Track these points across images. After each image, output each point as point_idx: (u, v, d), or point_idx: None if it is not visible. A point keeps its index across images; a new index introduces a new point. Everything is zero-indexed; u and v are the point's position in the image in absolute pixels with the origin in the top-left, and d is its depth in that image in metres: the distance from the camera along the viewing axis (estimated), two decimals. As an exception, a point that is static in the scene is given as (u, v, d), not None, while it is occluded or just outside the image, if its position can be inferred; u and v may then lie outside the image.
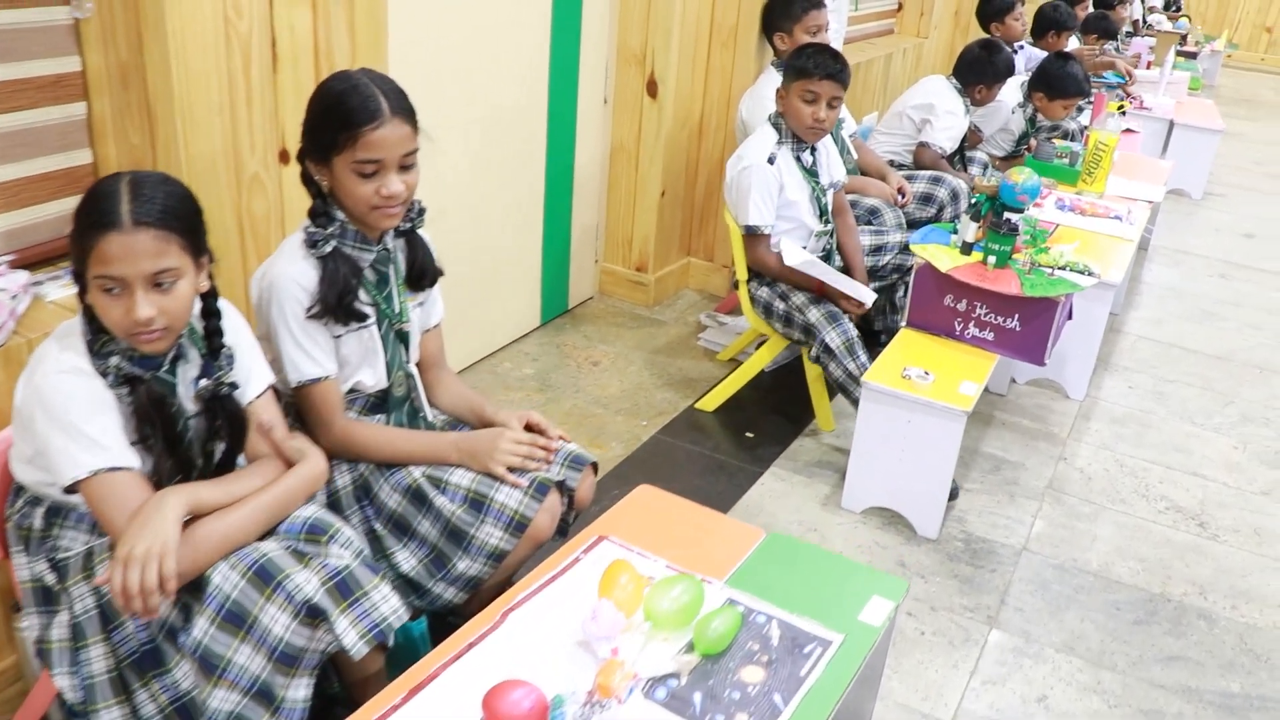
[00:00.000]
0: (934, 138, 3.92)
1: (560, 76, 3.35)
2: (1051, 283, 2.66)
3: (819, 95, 2.85)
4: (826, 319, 2.85)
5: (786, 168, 2.92)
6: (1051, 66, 4.38)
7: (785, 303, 2.93)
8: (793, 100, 2.87)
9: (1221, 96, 9.76)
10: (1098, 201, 3.89)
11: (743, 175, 2.89)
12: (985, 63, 4.01)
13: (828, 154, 3.06)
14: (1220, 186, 6.44)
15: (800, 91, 2.85)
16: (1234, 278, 4.81)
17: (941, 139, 3.92)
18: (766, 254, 2.93)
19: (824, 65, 2.85)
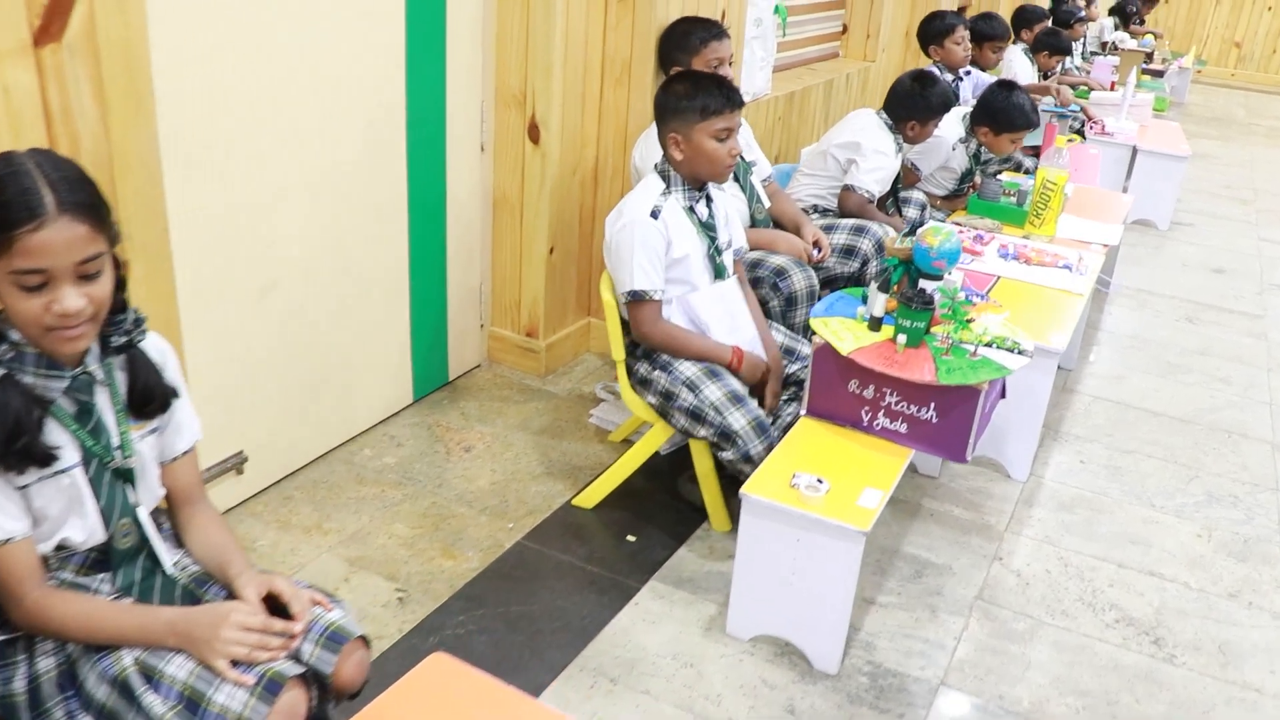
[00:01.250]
0: (859, 180, 3.50)
1: (422, 123, 2.92)
2: (973, 366, 2.24)
3: (732, 130, 2.45)
4: (728, 399, 2.42)
5: (674, 221, 2.49)
6: (995, 98, 3.98)
7: (669, 375, 2.49)
8: (700, 143, 2.44)
9: (1191, 115, 9.43)
10: (1046, 247, 3.48)
11: (622, 234, 2.46)
12: (917, 96, 3.60)
13: (725, 207, 2.64)
14: (1188, 214, 6.05)
15: (712, 132, 2.44)
16: (1201, 320, 4.40)
17: (867, 181, 3.51)
18: (655, 323, 2.50)
19: (730, 95, 2.46)
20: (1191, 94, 10.41)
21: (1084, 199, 4.23)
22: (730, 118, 2.45)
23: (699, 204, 2.54)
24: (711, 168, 2.48)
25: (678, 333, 2.51)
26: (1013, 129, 3.95)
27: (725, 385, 2.44)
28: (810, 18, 5.50)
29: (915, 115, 3.60)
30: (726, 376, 2.48)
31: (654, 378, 2.52)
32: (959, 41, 4.49)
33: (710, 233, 2.54)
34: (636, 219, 2.44)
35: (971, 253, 3.38)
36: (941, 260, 2.29)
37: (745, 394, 2.46)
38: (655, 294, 2.46)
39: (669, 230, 2.46)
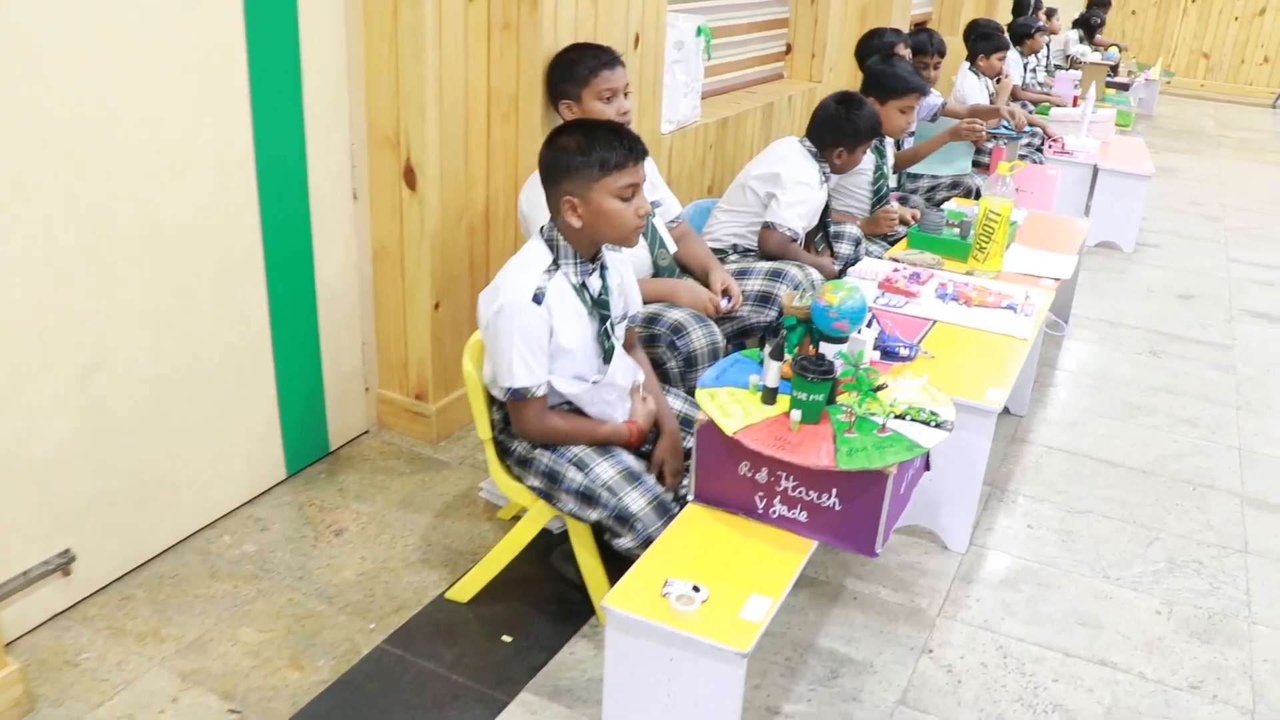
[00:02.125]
0: (779, 216, 3.20)
1: (276, 172, 2.60)
2: (879, 446, 1.92)
3: (637, 185, 2.12)
4: (623, 477, 2.10)
5: (561, 303, 2.13)
6: (874, 68, 3.79)
7: (553, 453, 2.17)
8: (601, 204, 2.08)
9: (1159, 128, 9.19)
10: (990, 285, 3.18)
11: (499, 320, 2.09)
12: (843, 120, 3.30)
13: (621, 272, 2.32)
14: (1154, 235, 5.77)
15: (614, 190, 2.08)
16: (1166, 354, 4.10)
17: (788, 217, 3.20)
18: (541, 419, 2.17)
19: (632, 146, 2.11)
20: (1160, 106, 10.17)
21: (1037, 226, 3.93)
22: (634, 171, 2.11)
23: (592, 277, 2.20)
24: (618, 231, 2.13)
25: (565, 425, 2.18)
26: (897, 95, 3.68)
27: (619, 462, 2.12)
28: (751, 38, 5.22)
29: (842, 141, 3.30)
30: (619, 451, 2.16)
31: (535, 456, 2.20)
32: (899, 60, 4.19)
33: (603, 311, 2.21)
34: (516, 305, 2.08)
35: (905, 294, 3.07)
36: (843, 320, 1.97)
37: (642, 470, 2.14)
38: (539, 389, 2.13)
39: (553, 314, 2.12)
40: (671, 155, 4.05)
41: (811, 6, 5.48)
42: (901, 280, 3.11)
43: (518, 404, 2.15)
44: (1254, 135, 9.32)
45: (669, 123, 4.00)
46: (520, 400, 2.13)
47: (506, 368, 2.10)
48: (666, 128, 3.99)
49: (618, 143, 2.10)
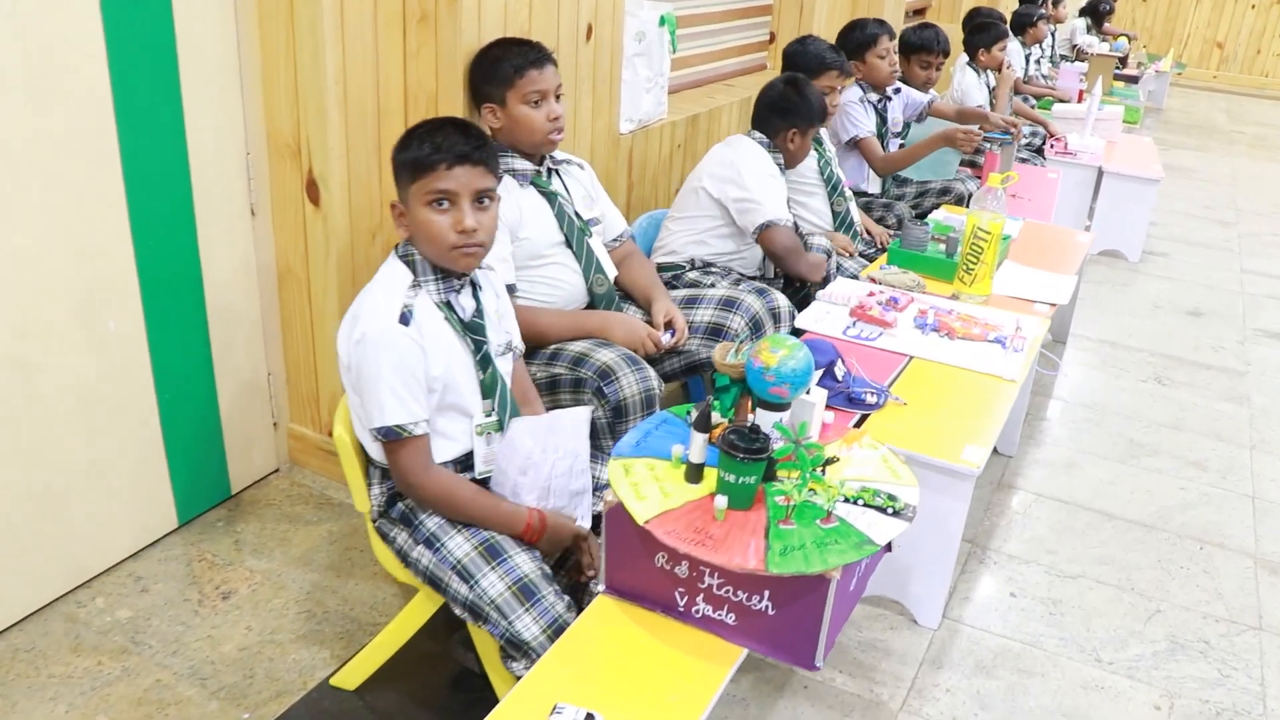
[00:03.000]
0: (767, 213, 2.90)
1: (151, 187, 2.27)
2: (820, 542, 1.58)
3: (451, 195, 1.78)
4: (515, 595, 1.75)
5: (429, 325, 1.82)
6: (789, 50, 3.57)
7: (433, 554, 1.83)
8: (417, 213, 1.79)
9: (1169, 123, 8.81)
10: (976, 313, 2.83)
11: (362, 352, 1.78)
12: (794, 100, 3.02)
13: (496, 294, 1.99)
14: (1162, 242, 5.41)
15: (421, 196, 1.78)
16: (1173, 381, 3.75)
17: (775, 209, 2.93)
18: (426, 470, 1.84)
19: (448, 144, 1.77)
20: (1170, 99, 9.77)
21: (1035, 239, 3.58)
22: (445, 176, 1.78)
23: (460, 296, 1.87)
24: (433, 248, 1.81)
25: (458, 488, 1.85)
26: (812, 76, 3.35)
27: (511, 571, 1.76)
28: (728, 26, 4.86)
29: (795, 121, 3.01)
30: (513, 555, 1.79)
31: (415, 557, 1.86)
32: (883, 55, 3.83)
33: (477, 335, 1.88)
34: (381, 330, 1.77)
35: (880, 323, 2.73)
36: (782, 386, 1.63)
37: (540, 579, 1.76)
38: (418, 428, 1.79)
39: (424, 336, 1.80)
40: (633, 156, 3.70)
41: (798, -8, 5.11)
42: (876, 308, 2.77)
43: (394, 449, 1.81)
44: (1269, 131, 8.93)
45: (629, 121, 3.64)
46: (396, 442, 1.79)
47: (376, 405, 1.77)
48: (626, 127, 3.64)
49: (436, 138, 1.79)
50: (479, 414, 1.90)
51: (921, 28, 4.19)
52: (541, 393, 2.33)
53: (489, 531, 1.82)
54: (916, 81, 4.21)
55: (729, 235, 2.97)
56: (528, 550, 1.81)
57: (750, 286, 2.77)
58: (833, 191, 3.43)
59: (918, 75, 4.21)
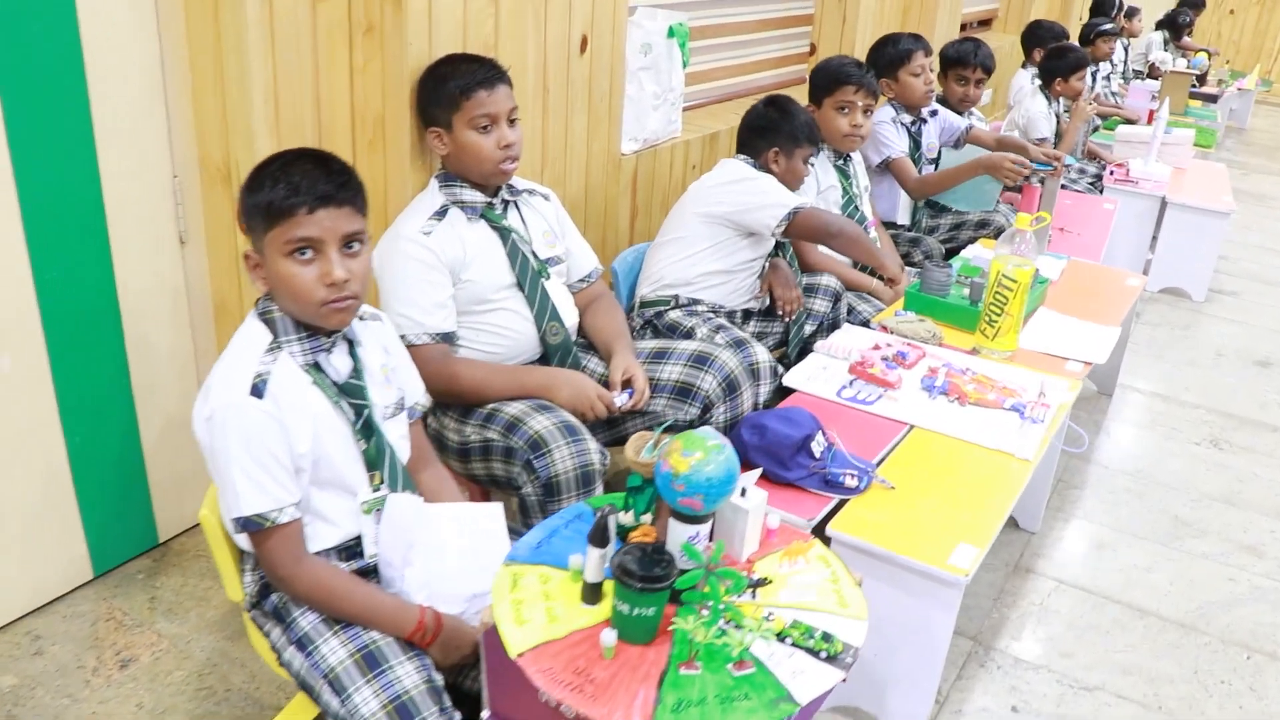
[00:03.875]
0: (785, 200, 2.63)
1: (53, 213, 2.05)
2: (725, 697, 1.27)
3: (315, 242, 1.51)
4: (359, 663, 1.49)
5: (292, 393, 1.54)
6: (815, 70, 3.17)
7: (305, 658, 1.57)
8: (276, 265, 1.52)
9: (1252, 144, 8.25)
10: (995, 372, 2.50)
11: (210, 431, 1.51)
12: (773, 120, 2.76)
13: (385, 349, 1.72)
14: (1232, 279, 4.96)
15: (280, 246, 1.51)
16: (1231, 445, 3.35)
17: (786, 198, 2.65)
18: (298, 563, 1.56)
19: (307, 184, 1.50)
20: (1255, 118, 9.17)
21: (1079, 281, 3.22)
22: (301, 223, 1.50)
23: (333, 355, 1.61)
24: (298, 304, 1.54)
25: (335, 582, 1.58)
26: (827, 92, 3.04)
27: (389, 686, 1.48)
28: (765, 36, 4.55)
29: (777, 140, 2.74)
30: (394, 665, 1.51)
31: (288, 658, 1.60)
32: (917, 72, 3.48)
33: (355, 399, 1.61)
34: (228, 405, 1.50)
35: (881, 383, 2.41)
36: (694, 497, 1.33)
37: (423, 696, 1.47)
38: (282, 514, 1.53)
39: (280, 407, 1.53)
40: (637, 179, 3.41)
41: (839, 2, 4.77)
42: (879, 365, 2.44)
43: (258, 540, 1.55)
44: (1361, 155, 8.31)
45: (633, 141, 3.36)
46: (259, 533, 1.53)
47: (231, 492, 1.51)
48: (630, 147, 3.35)
49: (282, 180, 1.52)
50: (364, 489, 1.63)
51: (961, 41, 3.83)
52: (473, 459, 2.06)
53: (372, 634, 1.55)
54: (953, 99, 3.85)
55: (724, 255, 2.67)
56: (416, 658, 1.54)
57: (729, 337, 2.47)
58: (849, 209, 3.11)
59: (954, 92, 3.85)
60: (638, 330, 2.67)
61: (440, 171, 2.21)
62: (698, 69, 4.11)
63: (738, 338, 2.45)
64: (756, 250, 2.69)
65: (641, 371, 2.20)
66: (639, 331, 2.67)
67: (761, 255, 2.73)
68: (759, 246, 2.70)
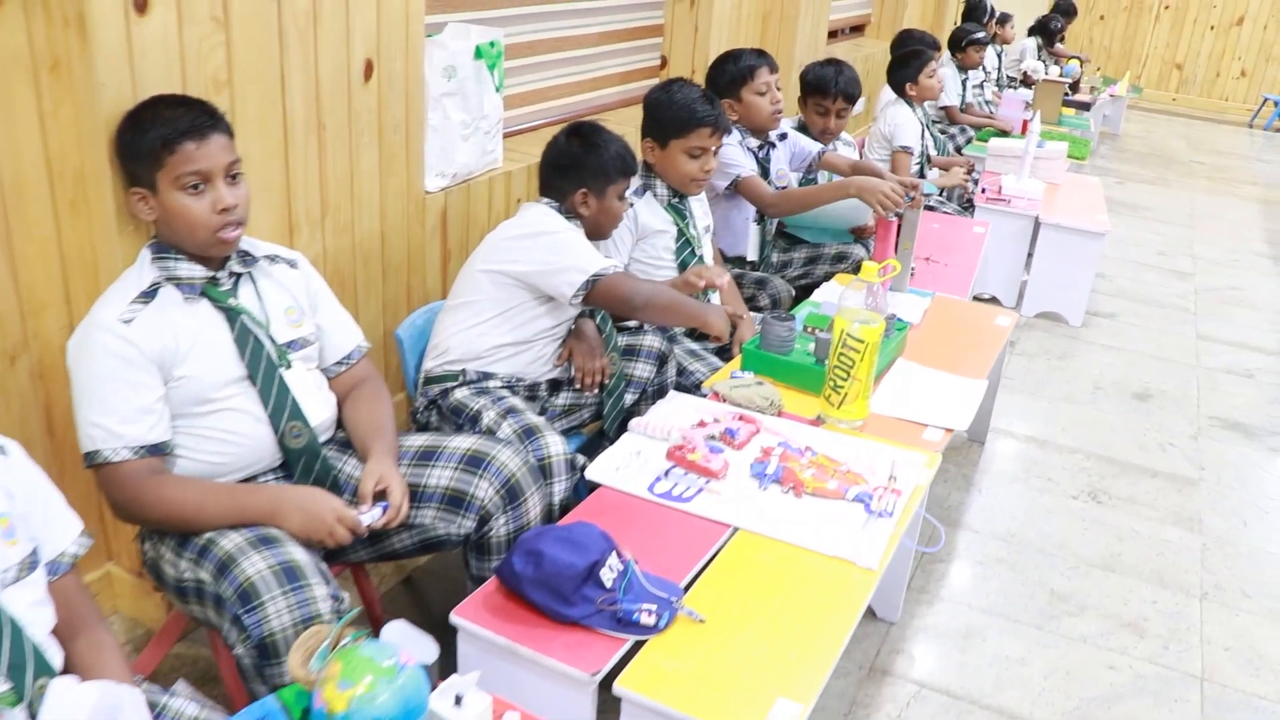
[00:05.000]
0: (593, 267, 2.16)
1: None
2: None
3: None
4: None
5: None
6: (649, 98, 2.75)
7: None
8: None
9: (1125, 151, 8.21)
10: (842, 449, 2.15)
11: None
12: (581, 156, 2.31)
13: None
14: (1110, 300, 4.76)
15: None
16: (1111, 496, 3.07)
17: (597, 261, 2.20)
18: None
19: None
20: (1128, 123, 9.18)
21: (944, 322, 2.92)
22: None
23: None
24: None
25: None
26: (676, 133, 2.64)
27: None
28: (609, 49, 4.17)
29: (584, 179, 2.30)
30: None
31: None
32: (763, 90, 3.12)
33: None
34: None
35: (703, 471, 2.03)
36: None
37: None
38: None
39: None
40: (448, 218, 2.99)
41: (691, 10, 4.42)
42: (701, 450, 2.06)
43: None
44: (1229, 161, 8.34)
45: (440, 177, 2.94)
46: None
47: None
48: (436, 184, 2.93)
49: None
50: None
51: (822, 64, 3.48)
52: (190, 600, 1.63)
53: None
54: (814, 131, 3.51)
55: (519, 324, 2.23)
56: None
57: (519, 425, 2.06)
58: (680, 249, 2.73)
59: (815, 123, 3.50)
60: (421, 412, 2.25)
61: (153, 240, 1.76)
62: (531, 88, 3.71)
63: (528, 425, 2.05)
64: (557, 317, 2.28)
65: (399, 479, 1.78)
66: (422, 413, 2.24)
67: (565, 321, 2.32)
68: (560, 313, 2.29)
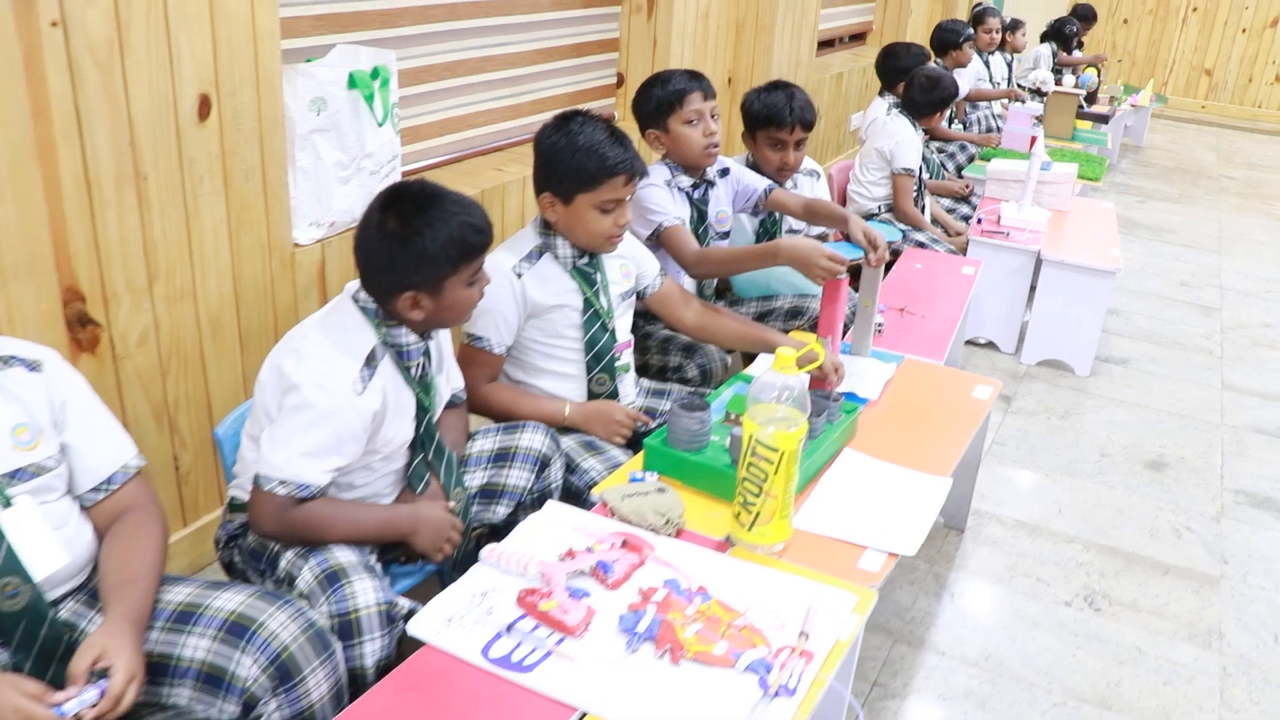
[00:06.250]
0: None
1: None
2: None
3: None
4: None
5: None
6: (540, 143, 2.18)
7: None
8: None
9: (1148, 163, 7.66)
10: (744, 590, 1.69)
11: None
12: (394, 253, 1.75)
13: None
14: (1123, 342, 4.24)
15: None
16: (1113, 602, 2.57)
17: None
18: None
19: None
20: (1153, 133, 8.62)
21: (914, 391, 2.46)
22: None
23: None
24: None
25: None
26: (584, 186, 2.11)
27: None
28: (556, 67, 3.72)
29: (405, 280, 1.74)
30: None
31: None
32: (692, 119, 2.64)
33: None
34: None
35: (556, 625, 1.56)
36: None
37: None
38: None
39: None
40: (326, 274, 2.56)
41: (649, 22, 3.97)
42: (558, 594, 1.60)
43: None
44: (1262, 174, 7.76)
45: (315, 227, 2.50)
46: None
47: None
48: (310, 234, 2.50)
49: None
50: None
51: (767, 90, 2.98)
52: None
53: None
54: (769, 168, 3.01)
55: None
56: None
57: (321, 568, 1.61)
58: (594, 363, 2.26)
59: (769, 159, 2.98)
60: (223, 547, 1.80)
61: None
62: (455, 113, 3.27)
63: (333, 569, 1.60)
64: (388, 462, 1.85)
65: (129, 653, 1.34)
66: (224, 549, 1.80)
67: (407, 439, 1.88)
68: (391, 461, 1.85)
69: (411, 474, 1.91)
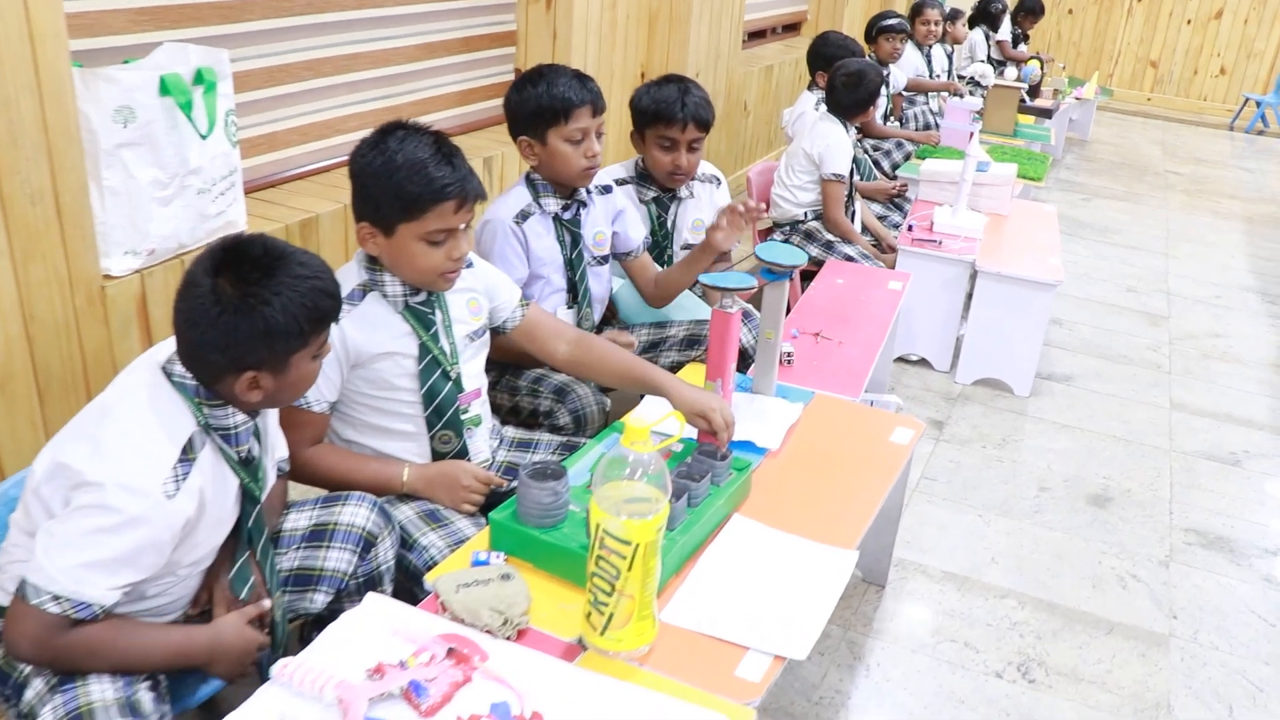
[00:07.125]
0: None
1: None
2: None
3: None
4: None
5: None
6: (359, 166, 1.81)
7: None
8: None
9: (1094, 159, 7.45)
10: (597, 705, 1.35)
11: None
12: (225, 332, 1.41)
13: None
14: (1066, 356, 3.98)
15: None
16: (1048, 672, 2.29)
17: None
18: None
19: None
20: (1099, 126, 8.41)
21: (824, 435, 2.14)
22: None
23: None
24: None
25: None
26: (417, 209, 1.76)
27: None
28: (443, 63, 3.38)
29: (236, 361, 1.42)
30: None
31: None
32: (577, 138, 2.28)
33: None
34: None
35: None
36: None
37: None
38: None
39: None
40: (148, 308, 2.21)
41: (547, 12, 3.63)
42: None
43: None
44: (1208, 170, 7.57)
45: (131, 255, 2.15)
46: None
47: None
48: (125, 264, 2.14)
49: None
50: None
51: (658, 84, 2.65)
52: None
53: None
54: (660, 172, 2.69)
55: None
56: None
57: (67, 709, 1.27)
58: (436, 418, 1.92)
59: (660, 163, 2.66)
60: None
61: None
62: (321, 118, 2.91)
63: (78, 713, 1.26)
64: None
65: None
66: None
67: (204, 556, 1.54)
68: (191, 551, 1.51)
69: (234, 576, 1.58)
